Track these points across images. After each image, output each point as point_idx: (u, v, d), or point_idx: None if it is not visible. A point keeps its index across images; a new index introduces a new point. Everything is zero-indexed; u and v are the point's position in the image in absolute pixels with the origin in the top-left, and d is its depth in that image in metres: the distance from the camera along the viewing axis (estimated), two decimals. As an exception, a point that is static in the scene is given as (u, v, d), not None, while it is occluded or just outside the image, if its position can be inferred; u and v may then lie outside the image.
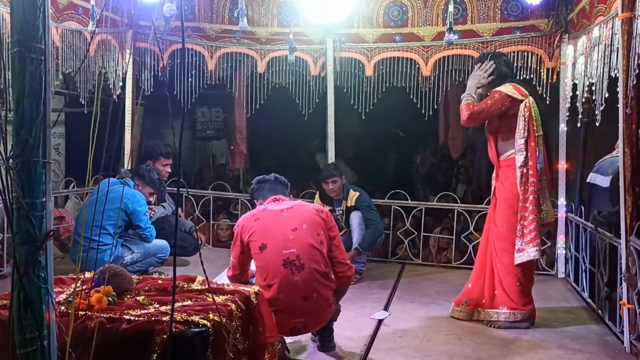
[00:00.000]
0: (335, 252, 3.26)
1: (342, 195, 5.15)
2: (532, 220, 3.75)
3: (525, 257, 3.76)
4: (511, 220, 3.83)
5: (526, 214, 3.77)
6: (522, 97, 3.79)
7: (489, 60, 3.95)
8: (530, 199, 3.76)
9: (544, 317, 4.07)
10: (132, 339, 1.96)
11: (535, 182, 3.76)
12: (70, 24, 4.75)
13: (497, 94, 3.81)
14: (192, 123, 8.53)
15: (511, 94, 3.79)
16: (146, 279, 2.54)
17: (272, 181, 3.43)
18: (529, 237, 3.76)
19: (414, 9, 5.39)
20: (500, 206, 3.95)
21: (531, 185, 3.77)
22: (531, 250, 3.75)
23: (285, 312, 3.02)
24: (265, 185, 3.43)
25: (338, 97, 5.60)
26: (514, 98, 3.79)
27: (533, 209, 3.75)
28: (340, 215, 5.16)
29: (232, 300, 2.26)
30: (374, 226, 4.99)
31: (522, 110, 3.78)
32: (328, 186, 5.11)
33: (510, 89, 3.81)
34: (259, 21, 5.62)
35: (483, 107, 3.80)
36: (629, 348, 3.44)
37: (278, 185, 3.43)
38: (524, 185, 3.78)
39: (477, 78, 3.95)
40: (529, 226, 3.76)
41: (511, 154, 3.86)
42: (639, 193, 3.43)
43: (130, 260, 4.49)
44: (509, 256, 3.83)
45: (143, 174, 4.72)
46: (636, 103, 3.34)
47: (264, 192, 3.41)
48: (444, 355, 3.41)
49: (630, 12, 3.31)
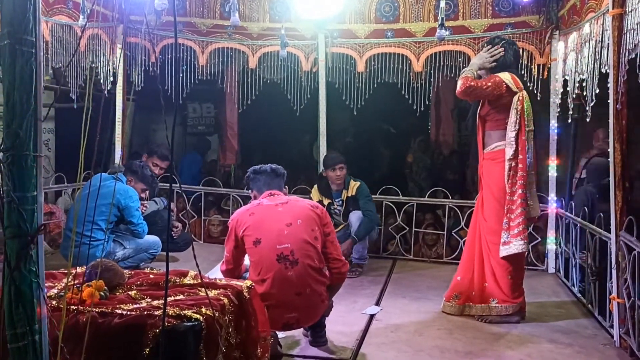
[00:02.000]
0: (330, 248, 3.26)
1: (343, 185, 5.16)
2: (520, 214, 3.76)
3: (512, 250, 3.78)
4: (500, 214, 3.85)
5: (513, 207, 3.78)
6: (517, 90, 3.80)
7: (500, 46, 3.94)
8: (519, 193, 3.77)
9: (535, 311, 4.10)
10: (124, 333, 1.95)
11: (524, 176, 3.77)
12: (61, 19, 4.71)
13: (496, 78, 3.82)
14: (183, 119, 8.50)
15: (508, 82, 3.80)
16: (138, 274, 2.53)
17: (269, 173, 3.38)
18: (516, 230, 3.77)
19: (405, 4, 5.39)
20: (489, 200, 3.96)
21: (520, 179, 3.78)
22: (518, 244, 3.76)
23: (278, 307, 3.02)
24: (260, 177, 3.38)
25: (330, 93, 5.60)
26: (509, 87, 3.80)
27: (521, 202, 3.76)
28: (339, 207, 5.16)
29: (224, 295, 2.25)
30: (369, 217, 5.04)
31: (515, 103, 3.79)
32: (335, 173, 5.09)
33: (508, 77, 3.82)
34: (251, 16, 5.60)
35: (480, 85, 3.81)
36: (618, 342, 3.47)
37: (274, 178, 3.38)
38: (512, 178, 3.79)
39: (482, 59, 3.96)
40: (516, 219, 3.77)
41: (496, 146, 3.88)
42: (629, 189, 3.46)
43: (122, 255, 4.47)
44: None
45: (136, 170, 4.70)
46: (627, 99, 3.37)
47: (258, 185, 3.37)
48: (435, 349, 3.42)
49: (621, 9, 3.33)
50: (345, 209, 5.17)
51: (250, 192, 3.45)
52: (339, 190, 5.20)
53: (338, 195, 5.22)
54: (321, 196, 5.18)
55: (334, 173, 5.11)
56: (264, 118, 8.22)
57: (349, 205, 5.16)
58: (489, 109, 3.91)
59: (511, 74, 3.86)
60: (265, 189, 3.33)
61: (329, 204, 5.15)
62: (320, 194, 5.21)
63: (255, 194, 3.39)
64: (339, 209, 5.20)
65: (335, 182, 5.15)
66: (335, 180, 5.13)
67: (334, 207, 5.20)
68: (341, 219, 5.18)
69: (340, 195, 5.20)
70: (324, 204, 4.93)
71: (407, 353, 3.37)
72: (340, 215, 5.20)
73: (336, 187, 5.19)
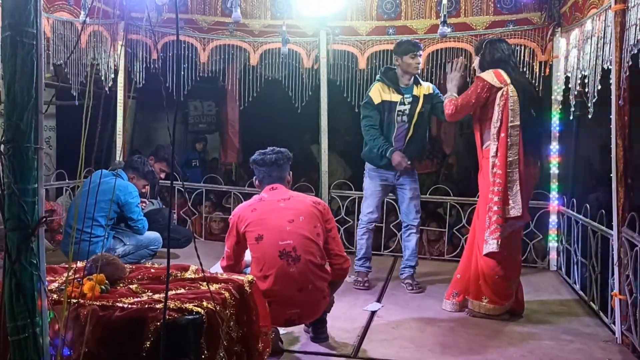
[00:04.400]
0: (331, 244, 3.26)
1: (413, 80, 4.49)
2: (495, 212, 3.72)
3: (489, 249, 3.75)
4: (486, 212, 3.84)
5: (492, 205, 3.75)
6: (501, 85, 3.76)
7: (485, 47, 3.93)
8: (496, 191, 3.73)
9: (536, 309, 4.10)
10: (125, 326, 1.95)
11: (501, 174, 3.72)
12: (62, 15, 4.71)
13: (479, 81, 3.81)
14: (184, 116, 8.49)
15: (491, 81, 3.77)
16: (139, 268, 2.53)
17: (269, 165, 3.29)
18: (493, 227, 3.73)
19: (407, 1, 5.38)
20: (480, 198, 3.97)
21: (498, 176, 3.73)
22: (492, 243, 3.73)
23: (280, 303, 3.01)
24: (262, 169, 3.31)
25: (331, 90, 5.59)
26: (492, 85, 3.77)
27: (497, 200, 3.71)
28: (408, 105, 4.44)
29: (225, 289, 2.25)
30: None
31: (498, 99, 3.75)
32: (415, 60, 4.36)
33: (491, 76, 3.79)
34: (252, 13, 5.59)
35: (464, 98, 3.83)
36: (620, 339, 3.47)
37: (275, 170, 3.29)
38: (493, 176, 3.76)
39: (453, 80, 4.00)
40: (493, 217, 3.73)
41: (488, 144, 3.86)
42: (632, 184, 3.45)
43: (122, 252, 4.47)
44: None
45: (137, 167, 4.69)
46: (629, 95, 3.36)
47: (260, 176, 3.33)
48: (437, 346, 3.42)
49: (624, 4, 3.31)
50: (420, 108, 4.44)
51: (254, 179, 3.42)
52: (409, 85, 4.47)
53: (409, 90, 4.47)
54: (389, 90, 4.43)
55: (414, 60, 4.37)
56: (265, 116, 8.20)
57: (425, 103, 4.46)
58: (481, 110, 3.89)
59: (497, 70, 3.81)
60: (267, 182, 3.31)
61: (400, 101, 4.42)
62: (388, 87, 4.44)
63: (258, 184, 3.37)
64: (407, 108, 4.43)
65: (413, 70, 4.40)
66: (414, 68, 4.39)
67: (402, 104, 4.43)
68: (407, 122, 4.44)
69: (411, 91, 4.47)
70: (392, 102, 4.40)
71: (409, 349, 3.37)
72: (407, 114, 4.44)
73: (407, 80, 4.45)
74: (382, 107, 4.43)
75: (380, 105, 4.43)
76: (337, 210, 5.89)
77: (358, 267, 4.67)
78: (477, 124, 3.96)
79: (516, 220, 3.81)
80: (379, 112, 4.44)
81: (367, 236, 4.67)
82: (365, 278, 4.63)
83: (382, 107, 4.43)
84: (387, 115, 4.43)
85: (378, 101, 4.44)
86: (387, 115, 4.43)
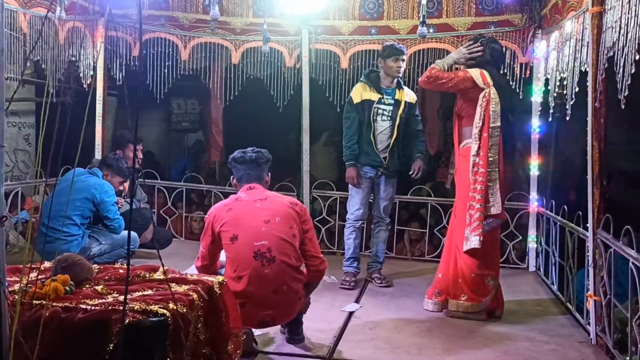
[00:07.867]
0: (308, 245, 3.23)
1: (396, 84, 4.62)
2: (477, 209, 3.78)
3: (470, 245, 3.79)
4: (465, 210, 3.86)
5: (473, 203, 3.81)
6: (484, 86, 3.83)
7: (481, 44, 3.98)
8: (478, 189, 3.80)
9: (513, 309, 4.11)
10: (88, 328, 1.91)
11: (484, 172, 3.80)
12: (39, 11, 4.63)
13: (464, 73, 3.89)
14: (167, 115, 8.41)
15: (475, 78, 3.84)
16: (107, 269, 2.48)
17: (249, 164, 3.26)
18: (475, 224, 3.79)
19: (389, 1, 5.37)
20: (458, 197, 4.02)
21: (480, 175, 3.81)
22: (474, 239, 3.78)
23: (254, 305, 2.98)
24: (241, 167, 3.28)
25: (313, 90, 5.56)
26: (475, 83, 3.84)
27: (479, 198, 3.79)
28: (389, 106, 4.57)
29: (194, 290, 2.22)
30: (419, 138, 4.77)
31: (481, 100, 3.84)
32: (397, 63, 4.49)
33: (477, 74, 3.86)
34: (234, 11, 5.55)
35: (444, 76, 3.88)
36: (594, 340, 3.48)
37: (254, 169, 3.26)
38: (475, 175, 3.83)
39: (459, 54, 4.04)
40: (475, 215, 3.79)
41: (466, 143, 3.93)
42: (607, 186, 3.47)
43: (98, 251, 4.40)
44: None
45: (111, 164, 4.62)
46: (605, 97, 3.37)
47: (238, 175, 3.30)
48: (413, 346, 3.41)
49: (600, 7, 3.33)
50: (402, 112, 4.57)
51: (232, 178, 3.39)
52: (390, 87, 4.59)
53: (390, 92, 4.59)
54: (370, 89, 4.56)
55: (396, 64, 4.49)
56: (247, 115, 8.15)
57: (405, 110, 4.59)
58: (462, 105, 3.97)
59: (483, 70, 3.88)
60: (245, 180, 3.27)
61: (378, 100, 4.54)
62: (369, 87, 4.57)
63: (236, 183, 3.34)
64: (387, 109, 4.55)
65: (394, 73, 4.51)
66: (395, 71, 4.51)
67: (382, 104, 4.55)
68: (389, 121, 4.57)
69: (393, 93, 4.60)
70: (371, 100, 4.52)
71: (385, 350, 3.36)
72: (389, 116, 4.57)
73: (389, 82, 4.58)
74: (361, 106, 4.56)
75: (360, 105, 4.56)
76: (319, 211, 5.87)
77: (346, 268, 4.70)
78: (457, 121, 4.02)
79: (495, 218, 3.88)
80: (358, 112, 4.56)
81: (354, 235, 4.71)
82: (353, 279, 4.64)
83: (362, 106, 4.56)
84: (367, 114, 4.55)
85: (358, 100, 4.58)
86: (367, 114, 4.55)
